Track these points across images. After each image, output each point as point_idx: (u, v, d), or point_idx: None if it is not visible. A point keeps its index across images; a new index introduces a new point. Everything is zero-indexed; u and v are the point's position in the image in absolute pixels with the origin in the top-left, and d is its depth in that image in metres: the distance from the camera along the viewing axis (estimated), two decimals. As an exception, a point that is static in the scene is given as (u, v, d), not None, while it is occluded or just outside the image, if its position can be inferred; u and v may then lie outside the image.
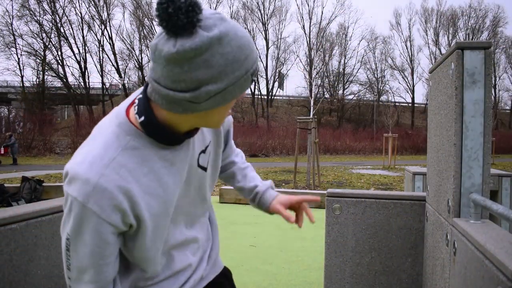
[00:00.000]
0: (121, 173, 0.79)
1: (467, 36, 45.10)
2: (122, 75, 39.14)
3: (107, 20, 37.14)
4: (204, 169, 1.00)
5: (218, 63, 0.73)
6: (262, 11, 42.25)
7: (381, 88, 45.55)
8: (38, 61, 33.74)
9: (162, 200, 0.86)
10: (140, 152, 0.83)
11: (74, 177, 0.77)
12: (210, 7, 39.73)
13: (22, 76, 33.52)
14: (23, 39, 32.95)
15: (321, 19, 43.20)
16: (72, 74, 48.64)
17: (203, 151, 0.99)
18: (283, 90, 45.70)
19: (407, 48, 54.77)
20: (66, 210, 0.80)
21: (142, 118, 0.82)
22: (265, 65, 42.20)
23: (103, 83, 37.97)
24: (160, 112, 0.81)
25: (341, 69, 44.30)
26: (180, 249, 1.00)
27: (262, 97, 42.46)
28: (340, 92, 44.25)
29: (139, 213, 0.82)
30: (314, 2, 57.04)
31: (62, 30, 34.44)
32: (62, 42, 34.84)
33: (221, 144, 1.07)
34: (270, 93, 42.96)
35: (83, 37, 36.11)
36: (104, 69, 37.78)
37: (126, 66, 40.42)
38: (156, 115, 0.81)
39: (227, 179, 1.29)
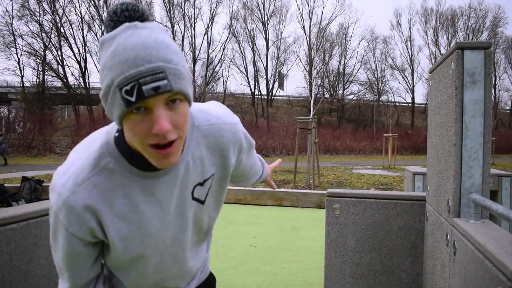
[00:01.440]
0: (93, 193, 0.80)
1: (467, 36, 45.08)
2: (122, 75, 39.09)
3: (107, 20, 37.11)
4: (201, 202, 0.95)
5: (100, 67, 0.72)
6: (262, 11, 42.25)
7: (381, 88, 45.55)
8: (38, 61, 33.73)
9: (135, 226, 0.85)
10: (117, 176, 0.82)
11: (53, 187, 0.82)
12: (210, 7, 39.76)
13: (22, 76, 33.51)
14: (23, 39, 32.96)
15: (321, 19, 43.19)
16: (72, 74, 48.62)
17: (201, 184, 0.93)
18: (283, 90, 45.71)
19: (407, 48, 54.80)
20: (50, 214, 0.85)
21: (116, 134, 0.82)
22: (265, 65, 42.23)
23: (103, 83, 37.94)
24: (125, 133, 0.77)
25: (341, 69, 44.29)
26: (174, 279, 1.02)
27: (262, 97, 42.47)
28: (340, 92, 44.24)
29: (107, 232, 0.84)
30: (314, 2, 56.98)
31: (62, 30, 34.44)
32: (62, 42, 34.84)
33: (227, 177, 1.00)
34: (270, 93, 42.96)
35: (83, 37, 36.13)
36: (104, 69, 37.75)
37: (126, 66, 40.40)
38: (125, 136, 0.79)
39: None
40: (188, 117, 0.76)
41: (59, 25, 33.99)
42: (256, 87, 41.91)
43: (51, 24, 34.04)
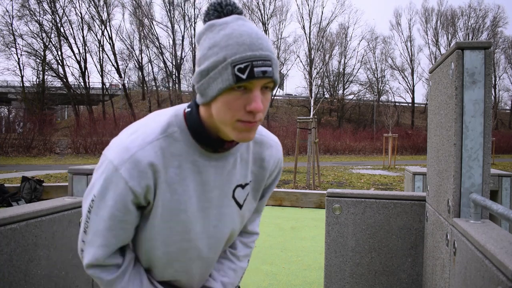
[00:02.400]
0: (158, 153, 0.86)
1: (467, 36, 45.08)
2: (122, 75, 39.13)
3: (107, 20, 37.14)
4: (239, 205, 1.00)
5: (204, 45, 0.82)
6: (262, 11, 42.25)
7: (381, 88, 45.56)
8: (38, 61, 33.72)
9: (176, 198, 0.90)
10: (179, 146, 0.89)
11: (117, 143, 0.87)
12: (210, 7, 39.67)
13: (22, 76, 33.48)
14: (23, 39, 32.95)
15: (321, 19, 43.20)
16: (72, 74, 48.74)
17: (242, 186, 0.99)
18: (283, 90, 45.73)
19: (407, 48, 54.83)
20: (98, 172, 0.88)
21: (188, 109, 0.90)
22: (265, 65, 42.16)
23: (103, 83, 37.97)
24: (201, 108, 0.88)
25: (341, 69, 44.28)
26: (189, 278, 1.02)
27: (262, 97, 42.39)
28: (340, 92, 44.22)
29: (156, 194, 0.88)
30: (314, 2, 57.01)
31: (62, 30, 34.44)
32: (62, 42, 34.83)
33: (259, 191, 1.05)
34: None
35: (83, 37, 36.13)
36: (104, 69, 37.79)
37: (126, 66, 40.46)
38: (199, 111, 0.88)
39: None
40: (269, 103, 0.88)
41: (59, 25, 33.99)
42: (256, 87, 41.84)
43: (51, 24, 34.04)
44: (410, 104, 46.22)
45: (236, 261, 1.12)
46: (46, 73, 34.31)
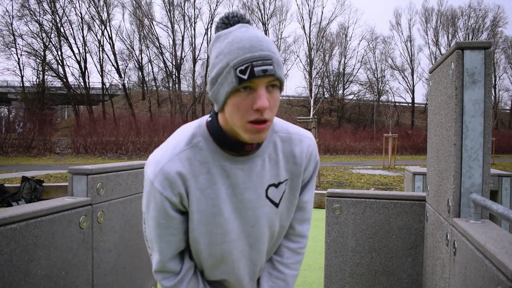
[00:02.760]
0: (185, 163, 0.94)
1: (467, 36, 45.07)
2: (122, 75, 39.13)
3: (107, 20, 37.14)
4: (275, 204, 1.03)
5: (212, 56, 0.88)
6: (262, 11, 42.26)
7: (381, 88, 45.56)
8: (38, 61, 33.72)
9: (210, 202, 0.96)
10: (204, 153, 0.95)
11: (151, 160, 0.96)
12: (210, 7, 39.75)
13: (22, 76, 33.48)
14: (23, 39, 32.95)
15: (321, 19, 43.20)
16: (72, 74, 48.71)
17: (275, 185, 1.02)
18: (283, 90, 45.63)
19: (407, 48, 54.81)
20: (144, 189, 0.98)
21: (209, 119, 0.97)
22: (265, 65, 42.16)
23: (103, 83, 37.97)
24: (219, 116, 0.94)
25: (341, 69, 44.28)
26: (237, 278, 1.07)
27: (262, 97, 42.39)
28: (340, 92, 44.23)
29: (190, 201, 0.95)
30: (314, 2, 56.97)
31: (62, 30, 34.43)
32: (62, 42, 34.83)
33: (299, 187, 1.07)
34: (270, 93, 42.92)
35: (83, 37, 36.12)
36: (104, 69, 37.80)
37: (126, 66, 40.46)
38: (218, 118, 0.95)
39: None
40: (278, 102, 0.91)
41: (59, 25, 33.99)
42: (256, 87, 41.81)
43: (51, 24, 34.04)
44: (410, 104, 46.22)
45: (284, 270, 1.14)
46: (46, 73, 34.32)
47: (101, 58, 37.61)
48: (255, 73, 0.82)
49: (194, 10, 41.04)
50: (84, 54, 36.08)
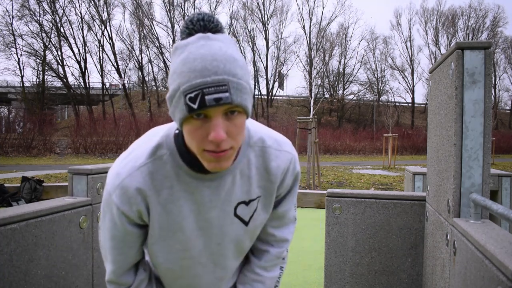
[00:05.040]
0: (146, 178, 0.87)
1: (467, 36, 45.06)
2: (122, 75, 39.12)
3: (107, 20, 37.13)
4: (244, 222, 0.96)
5: (170, 69, 0.78)
6: (262, 11, 42.23)
7: (381, 88, 45.54)
8: (38, 61, 33.69)
9: (172, 218, 0.90)
10: (169, 168, 0.87)
11: (113, 169, 0.89)
12: (210, 7, 39.76)
13: (22, 76, 33.45)
14: (23, 39, 32.92)
15: (321, 19, 43.18)
16: (72, 74, 48.67)
17: (245, 203, 0.94)
18: (283, 90, 45.68)
19: (407, 48, 54.76)
20: (103, 196, 0.92)
21: (177, 131, 0.89)
22: (265, 65, 42.22)
23: (103, 83, 37.96)
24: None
25: (341, 69, 44.26)
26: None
27: (262, 97, 42.45)
28: (340, 92, 44.21)
29: (151, 216, 0.90)
30: (314, 2, 56.93)
31: (62, 30, 34.41)
32: (62, 42, 34.81)
33: (271, 205, 1.00)
34: (270, 93, 42.95)
35: (83, 37, 36.10)
36: (104, 69, 37.77)
37: (126, 66, 40.43)
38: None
39: None
40: (243, 128, 0.79)
41: (59, 25, 33.97)
42: (256, 87, 41.88)
43: (51, 24, 34.02)
44: (410, 104, 46.20)
45: (262, 272, 1.09)
46: (46, 73, 34.30)
47: (101, 58, 37.63)
48: (206, 102, 0.70)
49: (194, 10, 40.99)
50: (84, 54, 36.08)
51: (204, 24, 0.77)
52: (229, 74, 0.72)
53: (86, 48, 36.06)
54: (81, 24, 35.83)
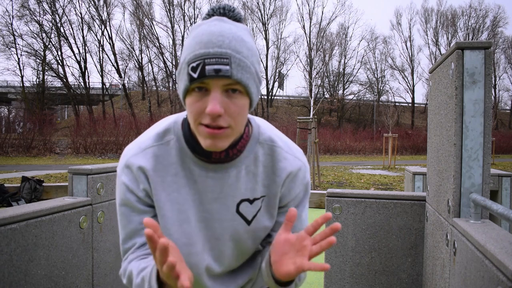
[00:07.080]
0: (150, 160, 0.88)
1: (467, 36, 45.07)
2: (122, 75, 39.13)
3: (107, 20, 37.13)
4: (247, 221, 0.92)
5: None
6: (262, 11, 42.24)
7: (381, 88, 45.54)
8: (38, 61, 33.70)
9: (177, 207, 0.90)
10: (174, 154, 0.89)
11: (124, 151, 0.93)
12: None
13: (22, 76, 33.45)
14: (23, 39, 32.94)
15: (321, 19, 43.21)
16: (72, 74, 48.71)
17: (249, 201, 0.91)
18: (283, 90, 45.73)
19: (407, 48, 54.78)
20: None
21: (185, 117, 0.90)
22: (265, 65, 42.18)
23: (103, 83, 37.96)
24: None
25: (341, 69, 44.28)
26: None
27: (262, 97, 42.44)
28: (340, 92, 44.21)
29: (156, 205, 0.90)
30: (314, 2, 57.03)
31: (62, 30, 34.42)
32: (62, 42, 34.82)
33: (275, 207, 0.95)
34: (270, 93, 42.94)
35: (83, 37, 36.11)
36: (104, 69, 37.78)
37: (126, 66, 40.44)
38: None
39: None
40: (244, 111, 0.78)
41: (59, 25, 33.98)
42: (256, 87, 41.80)
43: (51, 24, 34.02)
44: (410, 104, 46.20)
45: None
46: (46, 73, 34.31)
47: (101, 58, 37.63)
48: (205, 71, 0.71)
49: (194, 10, 40.96)
50: (84, 54, 36.10)
51: (224, 12, 0.80)
52: (233, 50, 0.73)
53: (86, 48, 36.09)
54: (81, 24, 35.86)
